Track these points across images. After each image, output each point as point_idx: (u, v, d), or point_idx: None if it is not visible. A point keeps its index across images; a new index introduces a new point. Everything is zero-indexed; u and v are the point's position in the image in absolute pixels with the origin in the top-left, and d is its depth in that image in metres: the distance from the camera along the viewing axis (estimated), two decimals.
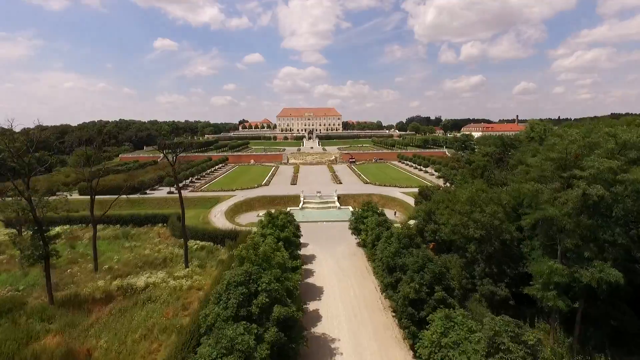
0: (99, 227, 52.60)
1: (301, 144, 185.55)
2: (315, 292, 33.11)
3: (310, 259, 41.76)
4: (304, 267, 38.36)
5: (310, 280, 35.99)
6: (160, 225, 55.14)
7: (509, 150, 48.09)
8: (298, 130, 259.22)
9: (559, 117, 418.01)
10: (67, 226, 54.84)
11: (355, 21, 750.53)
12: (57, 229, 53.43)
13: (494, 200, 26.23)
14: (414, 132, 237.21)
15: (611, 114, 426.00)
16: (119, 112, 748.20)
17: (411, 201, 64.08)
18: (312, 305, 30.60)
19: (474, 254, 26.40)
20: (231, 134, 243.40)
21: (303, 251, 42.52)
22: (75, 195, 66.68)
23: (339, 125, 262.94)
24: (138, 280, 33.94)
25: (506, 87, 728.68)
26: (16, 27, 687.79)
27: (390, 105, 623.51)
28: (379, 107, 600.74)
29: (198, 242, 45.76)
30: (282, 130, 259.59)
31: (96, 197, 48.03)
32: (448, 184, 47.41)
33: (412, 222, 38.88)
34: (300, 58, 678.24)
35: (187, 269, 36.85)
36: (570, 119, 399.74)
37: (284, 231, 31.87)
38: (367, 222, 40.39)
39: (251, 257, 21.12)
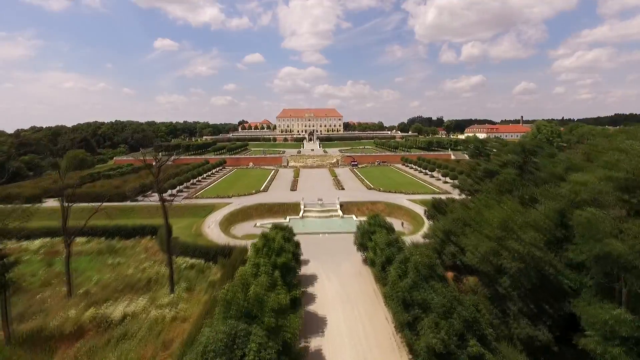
0: (81, 240, 48.52)
1: (301, 145, 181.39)
2: (318, 325, 28.82)
3: (311, 280, 37.50)
4: (304, 289, 34.25)
5: (311, 307, 31.72)
6: (149, 237, 50.90)
7: (529, 158, 43.93)
8: (298, 131, 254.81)
9: (562, 117, 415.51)
10: (48, 239, 50.57)
11: (355, 21, 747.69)
12: (37, 242, 49.28)
13: (531, 224, 21.98)
14: (416, 134, 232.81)
15: (615, 114, 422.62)
16: (119, 112, 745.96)
17: (419, 210, 59.91)
18: (313, 343, 26.32)
19: (508, 289, 22.14)
20: (230, 135, 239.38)
21: (303, 270, 38.32)
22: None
23: (340, 126, 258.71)
24: (115, 310, 29.67)
25: (506, 87, 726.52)
26: (15, 27, 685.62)
27: (390, 105, 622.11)
28: (379, 107, 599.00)
29: (187, 259, 41.48)
30: (282, 132, 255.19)
31: (83, 204, 43.63)
32: (464, 195, 43.01)
33: (426, 240, 34.65)
34: (300, 58, 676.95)
35: (173, 295, 32.59)
36: (574, 120, 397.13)
37: (280, 256, 27.60)
38: (376, 240, 36.09)
39: (239, 301, 16.87)
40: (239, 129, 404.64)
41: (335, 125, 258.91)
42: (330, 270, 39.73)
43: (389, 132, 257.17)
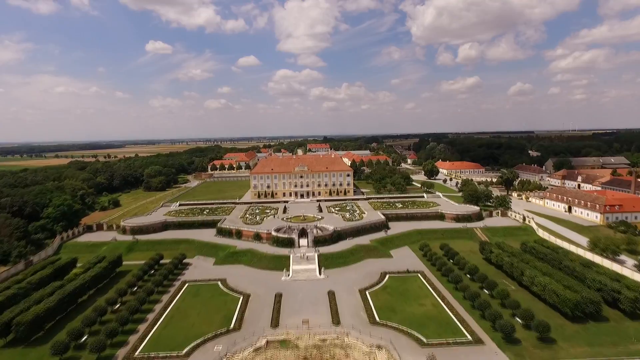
0: None
1: (286, 265, 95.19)
2: None
3: None
4: None
5: None
6: None
7: None
8: (284, 193, 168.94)
9: None
10: None
11: (354, 23, 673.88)
12: None
13: None
14: (472, 199, 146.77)
15: None
16: (113, 116, 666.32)
17: None
18: None
19: None
20: (172, 213, 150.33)
21: None
22: None
23: (348, 185, 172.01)
24: None
25: (502, 88, 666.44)
26: (3, 30, 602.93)
27: (386, 107, 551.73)
28: (375, 109, 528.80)
29: None
30: (258, 195, 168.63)
31: None
32: None
33: None
34: (296, 61, 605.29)
35: None
36: None
37: None
38: None
39: None
40: (209, 169, 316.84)
41: (342, 184, 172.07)
42: None
43: (425, 194, 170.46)
